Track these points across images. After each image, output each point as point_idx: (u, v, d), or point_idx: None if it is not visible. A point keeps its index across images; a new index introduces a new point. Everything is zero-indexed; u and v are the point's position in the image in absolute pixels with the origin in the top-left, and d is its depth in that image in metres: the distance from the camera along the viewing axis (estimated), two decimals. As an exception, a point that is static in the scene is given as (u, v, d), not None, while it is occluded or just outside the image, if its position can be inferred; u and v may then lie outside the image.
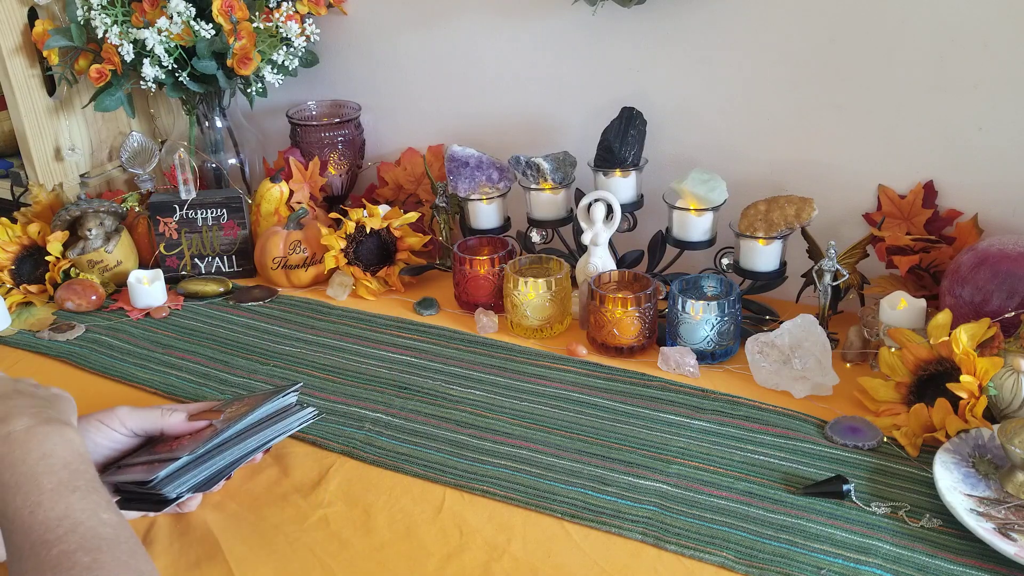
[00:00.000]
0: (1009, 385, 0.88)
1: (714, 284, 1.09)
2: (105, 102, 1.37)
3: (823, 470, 0.87)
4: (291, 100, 1.47)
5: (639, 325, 1.07)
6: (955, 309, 0.96)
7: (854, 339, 1.06)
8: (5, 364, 1.13)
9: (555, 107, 1.31)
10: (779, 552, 0.77)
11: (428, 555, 0.78)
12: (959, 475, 0.83)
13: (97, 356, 1.13)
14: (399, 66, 1.41)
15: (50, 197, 1.35)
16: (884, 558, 0.75)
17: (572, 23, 1.23)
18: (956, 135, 1.06)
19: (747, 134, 1.18)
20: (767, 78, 1.14)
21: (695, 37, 1.16)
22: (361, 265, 1.28)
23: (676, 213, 1.14)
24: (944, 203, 1.09)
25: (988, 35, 1.00)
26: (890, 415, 0.94)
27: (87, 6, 1.30)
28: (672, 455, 0.90)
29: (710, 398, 0.99)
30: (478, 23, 1.31)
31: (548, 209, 1.23)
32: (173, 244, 1.32)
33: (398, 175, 1.43)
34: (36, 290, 1.27)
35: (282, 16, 1.29)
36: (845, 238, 1.14)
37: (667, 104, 1.21)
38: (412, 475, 0.89)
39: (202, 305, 1.27)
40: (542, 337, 1.14)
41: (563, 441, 0.93)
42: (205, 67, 1.29)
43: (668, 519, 0.81)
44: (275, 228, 1.31)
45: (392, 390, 1.03)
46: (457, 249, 1.20)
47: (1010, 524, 0.77)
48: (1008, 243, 0.97)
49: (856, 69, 1.08)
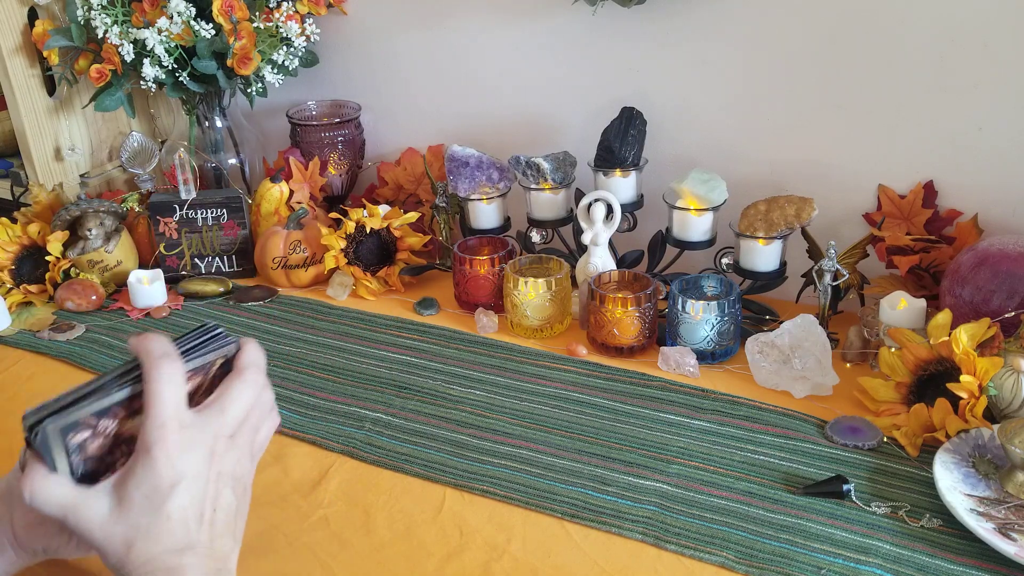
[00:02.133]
0: (1009, 385, 0.88)
1: (714, 284, 1.09)
2: (105, 102, 1.37)
3: (823, 470, 0.87)
4: (291, 100, 1.47)
5: (639, 325, 1.07)
6: (955, 309, 0.96)
7: (854, 339, 1.06)
8: (5, 364, 1.13)
9: (555, 107, 1.31)
10: (779, 552, 0.77)
11: (428, 555, 0.78)
12: (959, 475, 0.83)
13: (97, 356, 1.13)
14: (399, 66, 1.41)
15: (50, 197, 1.35)
16: (884, 558, 0.75)
17: (572, 23, 1.23)
18: (956, 135, 1.06)
19: (747, 134, 1.18)
20: (767, 78, 1.14)
21: (695, 37, 1.16)
22: (361, 265, 1.28)
23: (676, 213, 1.14)
24: (944, 203, 1.09)
25: (988, 35, 1.00)
26: (890, 415, 0.94)
27: (87, 6, 1.30)
28: (672, 455, 0.90)
29: (710, 398, 0.99)
30: (478, 23, 1.31)
31: (548, 209, 1.23)
32: (173, 244, 1.32)
33: (398, 175, 1.43)
34: (36, 290, 1.27)
35: (282, 16, 1.29)
36: (845, 238, 1.14)
37: (667, 104, 1.21)
38: (412, 475, 0.89)
39: (202, 305, 1.27)
40: (542, 337, 1.14)
41: (563, 441, 0.93)
42: (205, 67, 1.29)
43: (668, 519, 0.81)
44: (275, 228, 1.31)
45: (392, 390, 1.03)
46: (457, 249, 1.20)
47: (1010, 524, 0.77)
48: (1008, 243, 0.97)
49: (856, 69, 1.08)
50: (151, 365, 0.56)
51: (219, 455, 0.58)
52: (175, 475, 0.55)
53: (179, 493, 0.55)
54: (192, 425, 0.57)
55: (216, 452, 0.58)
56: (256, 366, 0.62)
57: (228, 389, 0.60)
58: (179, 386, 0.57)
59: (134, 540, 0.55)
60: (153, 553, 0.55)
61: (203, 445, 0.57)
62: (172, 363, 0.57)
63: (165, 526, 0.55)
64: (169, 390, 0.56)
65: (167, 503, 0.55)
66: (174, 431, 0.55)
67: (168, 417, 0.55)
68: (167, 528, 0.55)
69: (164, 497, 0.55)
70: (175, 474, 0.55)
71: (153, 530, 0.55)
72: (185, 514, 0.56)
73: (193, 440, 0.56)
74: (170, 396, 0.56)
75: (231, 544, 0.59)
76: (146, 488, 0.55)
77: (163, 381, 0.56)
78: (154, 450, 0.55)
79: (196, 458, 0.56)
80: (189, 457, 0.56)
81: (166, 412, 0.55)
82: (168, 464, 0.55)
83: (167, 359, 0.57)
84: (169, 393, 0.56)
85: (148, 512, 0.55)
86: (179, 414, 0.56)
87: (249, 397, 0.61)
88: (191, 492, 0.56)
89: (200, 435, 0.57)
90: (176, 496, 0.55)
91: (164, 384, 0.56)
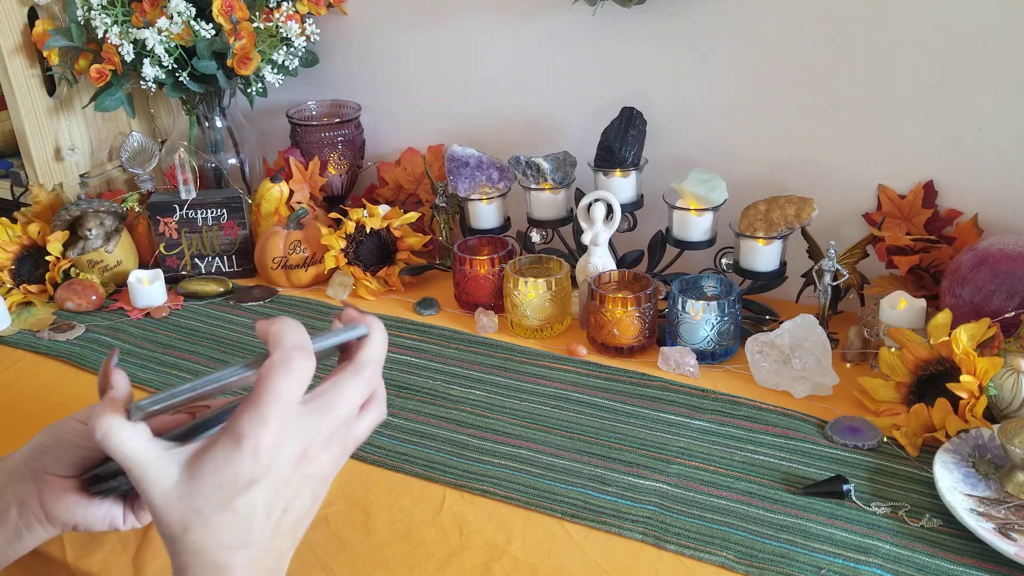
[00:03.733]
0: (1009, 385, 0.88)
1: (714, 284, 1.09)
2: (105, 102, 1.37)
3: (823, 470, 0.87)
4: (291, 100, 1.47)
5: (639, 325, 1.07)
6: (955, 309, 0.96)
7: (854, 339, 1.06)
8: (5, 364, 1.13)
9: (555, 107, 1.31)
10: (779, 552, 0.77)
11: (428, 555, 0.78)
12: (959, 475, 0.83)
13: (97, 356, 1.13)
14: (399, 66, 1.41)
15: (50, 197, 1.35)
16: (884, 558, 0.75)
17: (572, 23, 1.23)
18: (956, 135, 1.06)
19: (747, 134, 1.18)
20: (767, 78, 1.14)
21: (695, 37, 1.16)
22: (361, 265, 1.28)
23: (676, 213, 1.14)
24: (944, 203, 1.09)
25: (988, 35, 1.00)
26: (890, 415, 0.94)
27: (87, 6, 1.30)
28: (672, 455, 0.90)
29: (710, 398, 0.99)
30: (478, 23, 1.31)
31: (548, 209, 1.23)
32: (173, 244, 1.32)
33: (398, 175, 1.43)
34: (36, 290, 1.27)
35: (282, 16, 1.29)
36: (845, 238, 1.14)
37: (667, 104, 1.21)
38: (412, 475, 0.89)
39: (202, 305, 1.27)
40: (542, 337, 1.14)
41: (563, 441, 0.93)
42: (205, 67, 1.29)
43: (668, 519, 0.81)
44: (275, 228, 1.31)
45: (392, 390, 1.03)
46: (457, 249, 1.20)
47: (1010, 524, 0.77)
48: (1008, 243, 0.97)
49: (856, 69, 1.08)
50: (279, 356, 0.51)
51: (311, 458, 0.53)
52: (258, 473, 0.51)
53: (255, 491, 0.51)
54: (293, 421, 0.52)
55: (308, 455, 0.53)
56: (376, 362, 0.56)
57: (340, 384, 0.54)
58: (301, 384, 0.52)
59: (191, 526, 0.51)
60: (207, 545, 0.51)
61: (297, 446, 0.52)
62: (303, 360, 0.52)
63: (228, 520, 0.51)
64: (287, 386, 0.51)
65: (239, 499, 0.51)
66: (272, 431, 0.50)
67: (274, 415, 0.50)
68: (229, 522, 0.51)
69: (238, 492, 0.51)
70: (258, 471, 0.50)
71: (214, 521, 0.51)
72: (254, 512, 0.52)
73: (288, 439, 0.51)
74: (286, 393, 0.51)
75: (290, 544, 0.55)
76: (222, 476, 0.50)
77: (285, 377, 0.51)
78: (244, 442, 0.50)
79: (284, 460, 0.52)
80: (279, 456, 0.51)
81: (273, 410, 0.50)
82: (254, 461, 0.50)
83: (298, 352, 0.51)
84: (286, 390, 0.51)
85: (215, 502, 0.51)
86: (287, 412, 0.51)
87: (360, 397, 0.55)
88: (267, 492, 0.52)
89: (297, 435, 0.52)
90: (251, 494, 0.51)
91: (284, 380, 0.51)
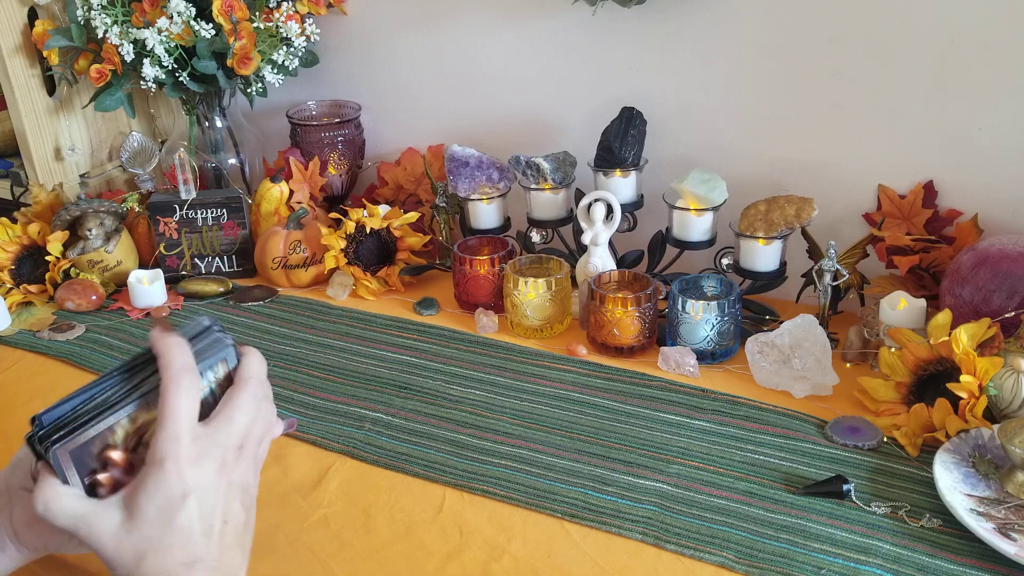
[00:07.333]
0: (1009, 385, 0.88)
1: (714, 284, 1.09)
2: (105, 102, 1.37)
3: (823, 470, 0.87)
4: (291, 100, 1.47)
5: (639, 325, 1.07)
6: (955, 309, 0.96)
7: (854, 339, 1.06)
8: (5, 364, 1.13)
9: (555, 107, 1.31)
10: (779, 552, 0.77)
11: (428, 555, 0.78)
12: (959, 475, 0.83)
13: (97, 356, 1.13)
14: (399, 66, 1.41)
15: (50, 197, 1.35)
16: (884, 558, 0.75)
17: (572, 23, 1.23)
18: (956, 135, 1.06)
19: (747, 134, 1.18)
20: (767, 78, 1.14)
21: (695, 37, 1.16)
22: (361, 265, 1.28)
23: (676, 213, 1.14)
24: (944, 203, 1.09)
25: (988, 35, 1.00)
26: (890, 415, 0.94)
27: (87, 6, 1.30)
28: (672, 455, 0.90)
29: (710, 398, 0.99)
30: (478, 23, 1.31)
31: (548, 209, 1.23)
32: (173, 244, 1.32)
33: (398, 175, 1.43)
34: (36, 290, 1.27)
35: (282, 16, 1.29)
36: (845, 238, 1.14)
37: (667, 104, 1.21)
38: (412, 475, 0.89)
39: (202, 305, 1.27)
40: (542, 337, 1.14)
41: (563, 441, 0.93)
42: (205, 67, 1.29)
43: (668, 519, 0.81)
44: (275, 228, 1.31)
45: (392, 390, 1.03)
46: (457, 249, 1.20)
47: (1010, 524, 0.77)
48: (1008, 243, 0.97)
49: (856, 69, 1.08)
50: (170, 377, 0.56)
51: (229, 466, 0.58)
52: (187, 487, 0.55)
53: (190, 505, 0.55)
54: (203, 437, 0.57)
55: (226, 463, 0.58)
56: (257, 378, 0.62)
57: (232, 400, 0.60)
58: (195, 400, 0.57)
59: (145, 553, 0.55)
60: (164, 566, 0.55)
61: (214, 457, 0.57)
62: (191, 376, 0.57)
63: (176, 539, 0.55)
64: (185, 404, 0.56)
65: (178, 515, 0.55)
66: (187, 444, 0.55)
67: (182, 431, 0.55)
68: (178, 541, 0.55)
69: (176, 509, 0.55)
70: (187, 486, 0.55)
71: (164, 543, 0.55)
72: (196, 527, 0.56)
73: (204, 452, 0.56)
74: (185, 410, 0.56)
75: (240, 558, 0.59)
76: (158, 500, 0.55)
77: (181, 395, 0.55)
78: (167, 463, 0.54)
79: (207, 470, 0.56)
80: (201, 469, 0.56)
81: (180, 426, 0.55)
82: (180, 476, 0.55)
83: (187, 372, 0.56)
84: (184, 407, 0.56)
85: (159, 524, 0.55)
86: (192, 427, 0.56)
87: (253, 408, 0.61)
88: (202, 504, 0.56)
89: (211, 447, 0.57)
90: (187, 508, 0.55)
91: (182, 398, 0.55)
